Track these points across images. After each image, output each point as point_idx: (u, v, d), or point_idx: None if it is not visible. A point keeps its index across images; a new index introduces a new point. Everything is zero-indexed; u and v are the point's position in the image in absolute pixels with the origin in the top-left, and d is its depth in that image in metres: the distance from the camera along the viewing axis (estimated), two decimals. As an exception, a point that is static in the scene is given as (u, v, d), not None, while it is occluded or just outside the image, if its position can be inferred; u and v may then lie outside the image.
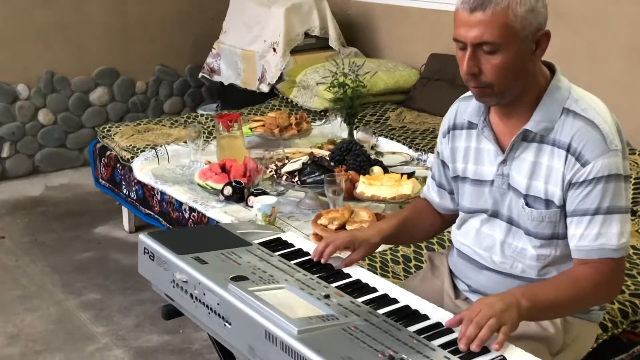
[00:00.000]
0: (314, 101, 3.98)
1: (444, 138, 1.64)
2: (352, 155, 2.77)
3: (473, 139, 1.55)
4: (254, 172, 2.79)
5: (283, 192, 2.79)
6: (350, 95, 3.06)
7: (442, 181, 1.71)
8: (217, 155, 3.13)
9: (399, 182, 2.51)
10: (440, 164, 1.69)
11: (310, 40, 4.40)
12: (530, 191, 1.45)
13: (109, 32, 4.87)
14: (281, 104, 4.17)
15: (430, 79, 4.01)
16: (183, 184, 2.98)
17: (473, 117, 1.53)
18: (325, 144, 3.27)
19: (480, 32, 1.33)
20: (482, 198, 1.56)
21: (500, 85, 1.39)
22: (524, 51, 1.37)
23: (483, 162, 1.53)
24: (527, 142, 1.44)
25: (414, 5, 4.28)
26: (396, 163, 3.09)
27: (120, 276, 3.34)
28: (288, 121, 3.35)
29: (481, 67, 1.37)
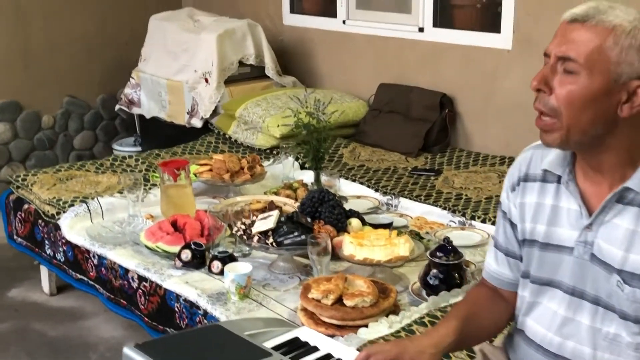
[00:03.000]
0: (257, 138, 3.73)
1: (512, 192, 1.42)
2: (326, 208, 2.50)
3: (549, 194, 1.35)
4: (214, 229, 2.47)
5: (248, 252, 2.49)
6: (317, 137, 2.80)
7: (512, 248, 1.47)
8: (162, 208, 2.81)
9: (390, 240, 2.25)
10: (507, 225, 1.46)
11: (244, 69, 4.19)
12: (628, 266, 1.24)
13: (8, 60, 4.37)
14: (218, 140, 3.90)
15: (382, 110, 3.86)
16: (126, 246, 2.62)
17: (554, 167, 1.34)
18: (281, 188, 2.99)
19: (568, 46, 1.19)
20: (555, 268, 1.35)
21: (568, 118, 1.20)
22: (609, 92, 1.18)
23: (561, 224, 1.33)
24: (623, 204, 1.24)
25: (357, 31, 4.12)
26: (365, 210, 2.85)
27: (48, 351, 2.87)
28: (239, 164, 3.06)
29: (553, 86, 1.21)
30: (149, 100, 4.38)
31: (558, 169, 1.33)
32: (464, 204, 2.90)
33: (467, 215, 2.78)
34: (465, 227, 2.71)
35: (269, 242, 2.30)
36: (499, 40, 3.46)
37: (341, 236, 2.37)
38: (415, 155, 3.57)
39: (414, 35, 3.81)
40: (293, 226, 2.32)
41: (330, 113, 2.92)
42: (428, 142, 3.64)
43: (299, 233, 2.30)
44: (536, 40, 3.32)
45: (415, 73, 3.86)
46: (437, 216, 2.81)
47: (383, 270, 2.29)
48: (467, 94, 3.68)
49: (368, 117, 3.90)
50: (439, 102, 3.68)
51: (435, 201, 2.95)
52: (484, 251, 2.47)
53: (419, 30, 3.78)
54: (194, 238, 2.49)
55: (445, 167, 3.40)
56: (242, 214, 2.51)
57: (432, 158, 3.55)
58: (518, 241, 1.44)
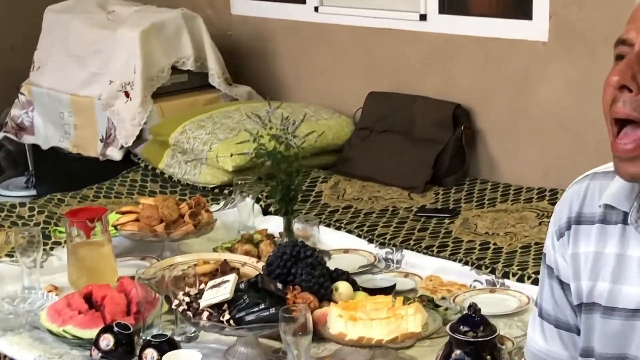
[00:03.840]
0: (201, 173, 3.75)
1: (560, 239, 1.45)
2: (303, 268, 2.51)
3: (612, 240, 1.38)
4: (146, 304, 2.47)
5: (195, 334, 2.49)
6: (287, 170, 2.82)
7: (564, 317, 1.49)
8: (71, 276, 2.80)
9: (394, 310, 2.27)
10: (556, 285, 1.48)
11: (180, 77, 4.25)
12: None
13: None
14: (146, 178, 3.90)
15: (373, 130, 3.90)
16: (21, 331, 2.60)
17: (618, 201, 1.36)
18: (237, 243, 3.00)
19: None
20: (626, 341, 1.37)
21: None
22: None
23: (630, 280, 1.36)
24: None
25: (335, 21, 4.18)
26: (356, 269, 2.86)
27: None
28: (177, 211, 3.06)
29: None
30: (45, 124, 4.38)
31: (624, 203, 1.36)
32: (493, 256, 2.91)
33: (497, 271, 2.79)
34: (496, 288, 2.71)
35: (224, 319, 2.28)
36: (530, 29, 3.52)
37: (325, 307, 2.37)
38: (421, 190, 3.58)
39: (415, 26, 3.85)
40: (257, 296, 2.31)
41: (303, 135, 2.94)
42: (439, 171, 3.66)
43: (266, 305, 2.28)
44: (581, 30, 3.39)
45: (418, 77, 3.90)
46: (457, 274, 2.82)
47: (386, 354, 2.29)
48: (490, 104, 3.73)
49: (354, 139, 3.90)
50: (452, 117, 3.72)
51: (452, 253, 2.96)
52: (523, 322, 2.49)
53: (420, 19, 3.83)
54: (117, 318, 2.46)
55: (463, 206, 3.42)
56: (184, 281, 2.50)
57: (445, 194, 3.57)
58: (572, 307, 1.46)
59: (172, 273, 2.55)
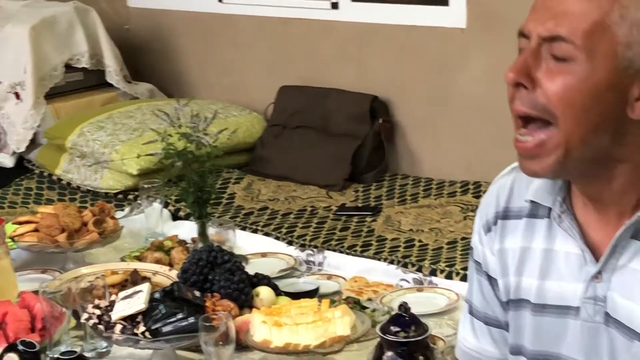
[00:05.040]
0: (103, 178, 3.73)
1: (487, 234, 1.49)
2: (221, 274, 2.51)
3: (539, 235, 1.42)
4: (51, 320, 2.43)
5: (107, 349, 2.47)
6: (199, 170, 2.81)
7: (493, 313, 1.53)
8: None
9: (321, 314, 2.28)
10: (484, 281, 1.52)
11: (75, 75, 4.23)
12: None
13: None
14: (42, 185, 3.87)
15: (286, 126, 3.94)
16: None
17: (542, 196, 1.39)
18: (146, 251, 2.98)
19: (557, 21, 1.24)
20: (557, 338, 1.41)
21: (566, 124, 1.25)
22: (616, 85, 1.25)
23: (559, 276, 1.39)
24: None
25: (241, 11, 4.19)
26: (276, 273, 2.87)
27: None
28: (79, 219, 3.02)
29: (537, 78, 1.25)
30: None
31: (547, 198, 1.39)
32: (419, 253, 2.96)
33: (424, 269, 2.83)
34: (423, 286, 2.75)
35: (139, 331, 2.26)
36: (448, 16, 3.59)
37: (247, 314, 2.38)
38: (340, 188, 3.62)
39: (326, 15, 3.89)
40: (174, 305, 2.30)
41: (215, 133, 2.94)
42: (358, 167, 3.71)
43: (184, 315, 2.27)
44: (501, 14, 3.46)
45: (332, 69, 3.94)
46: (383, 274, 2.84)
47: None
48: (408, 96, 3.78)
49: (267, 136, 3.93)
50: (369, 110, 3.76)
51: (377, 252, 3.00)
52: (453, 320, 2.52)
53: (332, 7, 3.87)
54: (21, 336, 2.40)
55: (385, 203, 3.46)
56: (92, 293, 2.47)
57: (365, 191, 3.61)
58: (501, 303, 1.50)
59: (79, 285, 2.52)
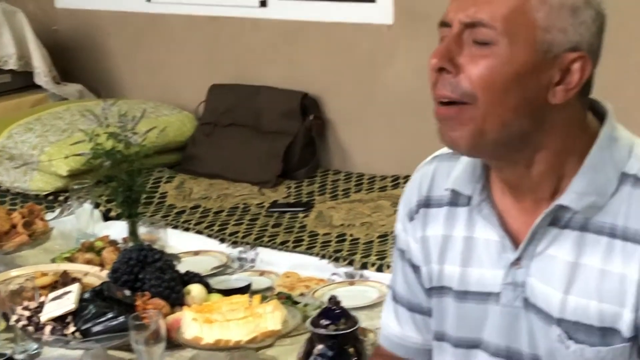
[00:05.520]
0: (32, 179, 3.70)
1: (410, 222, 1.52)
2: (151, 272, 2.50)
3: (460, 223, 1.45)
4: (-21, 324, 2.42)
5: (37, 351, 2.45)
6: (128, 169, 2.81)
7: (416, 300, 1.55)
8: None
9: (252, 309, 2.29)
10: (408, 268, 1.54)
11: (2, 77, 4.22)
12: (569, 314, 1.35)
13: None
14: None
15: (218, 124, 3.94)
16: None
17: (462, 185, 1.42)
18: (77, 252, 2.97)
19: (478, 7, 1.27)
20: (479, 324, 1.44)
21: (487, 104, 1.28)
22: (537, 68, 1.28)
23: (479, 263, 1.43)
24: (559, 228, 1.35)
25: (169, 10, 4.18)
26: (208, 270, 2.88)
27: None
28: (9, 221, 3.00)
29: (460, 64, 1.28)
30: None
31: (466, 186, 1.41)
32: (350, 247, 2.99)
33: (355, 263, 2.87)
34: (355, 280, 2.78)
35: (69, 332, 2.26)
36: (374, 12, 3.63)
37: (178, 312, 2.38)
38: (273, 184, 3.64)
39: (255, 12, 3.90)
40: (104, 305, 2.30)
41: (144, 132, 2.94)
42: (290, 164, 3.73)
43: (114, 314, 2.27)
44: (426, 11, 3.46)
45: (262, 66, 3.95)
46: (315, 269, 2.87)
47: (246, 355, 2.31)
48: (338, 92, 3.81)
49: (198, 135, 3.93)
50: (300, 106, 3.79)
51: (309, 248, 3.02)
52: (385, 312, 2.57)
53: (260, 5, 3.89)
54: (-53, 340, 2.41)
55: (317, 198, 3.49)
56: (21, 295, 2.45)
57: (297, 187, 3.64)
58: (424, 289, 1.52)
59: (8, 287, 2.51)
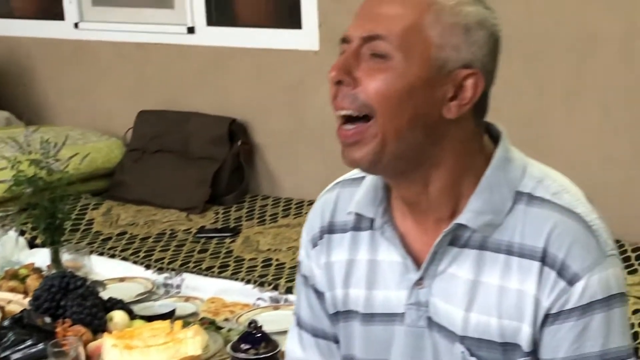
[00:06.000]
0: (-48, 206, 3.62)
1: (314, 249, 1.52)
2: (73, 299, 2.50)
3: (363, 246, 1.46)
4: None
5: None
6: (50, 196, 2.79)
7: (320, 326, 1.55)
8: None
9: (173, 335, 2.31)
10: (312, 294, 1.55)
11: None
12: (471, 331, 1.37)
13: None
14: None
15: (146, 150, 3.93)
16: None
17: (365, 208, 1.43)
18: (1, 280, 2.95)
19: (376, 24, 1.31)
20: (386, 345, 1.45)
21: (384, 117, 1.31)
22: (431, 83, 1.32)
23: (384, 285, 1.44)
24: (458, 247, 1.38)
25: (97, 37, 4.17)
26: (133, 297, 2.87)
27: None
28: None
29: (357, 77, 1.31)
30: None
31: (369, 209, 1.43)
32: (275, 272, 3.00)
33: (280, 288, 2.87)
34: (279, 305, 2.79)
35: (-12, 361, 2.25)
36: (301, 38, 3.66)
37: (100, 339, 2.37)
38: (201, 210, 3.64)
39: (183, 39, 3.92)
40: (23, 332, 2.30)
41: (67, 159, 2.92)
42: (218, 190, 3.73)
43: (34, 341, 2.28)
44: (351, 37, 3.55)
45: (191, 93, 3.96)
46: (240, 294, 2.88)
47: (168, 382, 2.31)
48: (266, 118, 3.83)
49: (127, 161, 3.92)
50: (228, 132, 3.80)
51: (234, 273, 3.02)
52: (308, 336, 2.57)
53: (188, 32, 3.91)
54: None
55: (245, 224, 3.50)
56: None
57: (225, 213, 3.64)
58: (329, 315, 1.53)
59: None
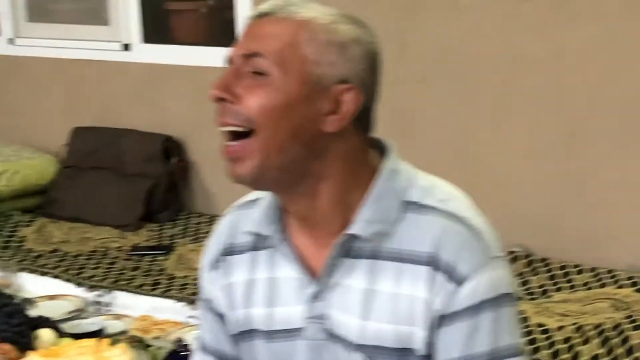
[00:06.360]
0: None
1: (213, 272, 1.54)
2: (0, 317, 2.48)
3: (262, 265, 1.49)
4: None
5: None
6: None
7: (224, 348, 1.57)
8: None
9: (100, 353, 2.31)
10: (214, 318, 1.56)
11: None
12: (368, 339, 1.40)
13: None
14: None
15: (80, 167, 3.92)
16: None
17: (261, 227, 1.46)
18: None
19: (255, 42, 1.36)
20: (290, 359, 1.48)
21: (266, 131, 1.34)
22: (309, 98, 1.36)
23: (283, 301, 1.47)
24: (352, 258, 1.41)
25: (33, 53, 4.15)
26: (63, 315, 2.86)
27: None
28: None
29: (238, 93, 1.35)
30: None
31: (265, 228, 1.45)
32: (209, 290, 3.01)
33: (212, 305, 2.89)
34: (212, 322, 2.81)
35: None
36: (234, 55, 3.68)
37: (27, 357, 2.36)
38: (134, 228, 3.64)
39: (118, 56, 3.91)
40: (-53, 351, 2.28)
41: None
42: (152, 207, 3.74)
43: (-43, 359, 2.26)
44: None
45: (126, 110, 3.96)
46: (172, 312, 2.87)
47: (94, 400, 2.31)
48: (201, 135, 3.82)
49: (60, 178, 3.89)
50: (163, 149, 3.80)
51: (166, 291, 3.03)
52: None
53: (124, 48, 3.90)
54: None
55: (179, 241, 3.51)
56: None
57: (159, 230, 3.64)
58: (231, 337, 1.54)
59: None
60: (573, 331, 2.61)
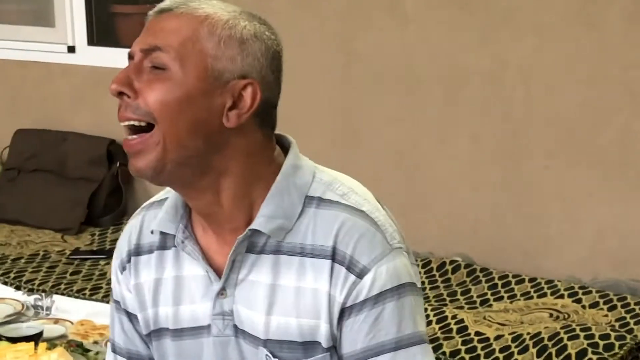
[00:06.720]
0: None
1: (122, 273, 1.55)
2: None
3: (169, 264, 1.50)
4: None
5: None
6: None
7: (135, 349, 1.57)
8: None
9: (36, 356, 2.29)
10: (125, 319, 1.56)
11: None
12: (273, 334, 1.43)
13: None
14: None
15: (22, 170, 3.89)
16: None
17: (166, 225, 1.47)
18: None
19: (155, 37, 1.38)
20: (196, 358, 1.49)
21: (165, 124, 1.35)
22: (209, 92, 1.37)
23: (190, 299, 1.48)
24: (255, 254, 1.43)
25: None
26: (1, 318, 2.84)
27: None
28: None
29: (138, 87, 1.36)
30: None
31: (170, 227, 1.45)
32: (149, 295, 3.01)
33: (154, 311, 2.88)
34: (151, 328, 2.80)
35: None
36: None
37: (-39, 361, 2.33)
38: (76, 232, 3.62)
39: (63, 58, 3.88)
40: None
41: None
42: (95, 211, 3.71)
43: None
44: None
45: (69, 112, 3.92)
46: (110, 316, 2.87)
47: (30, 405, 2.29)
48: (146, 139, 3.82)
49: (2, 181, 3.87)
50: (107, 153, 3.78)
51: (106, 295, 3.00)
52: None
53: (68, 51, 3.88)
54: None
55: (121, 246, 3.50)
56: None
57: (102, 234, 3.62)
58: (142, 337, 1.55)
59: None
60: (511, 340, 2.65)
